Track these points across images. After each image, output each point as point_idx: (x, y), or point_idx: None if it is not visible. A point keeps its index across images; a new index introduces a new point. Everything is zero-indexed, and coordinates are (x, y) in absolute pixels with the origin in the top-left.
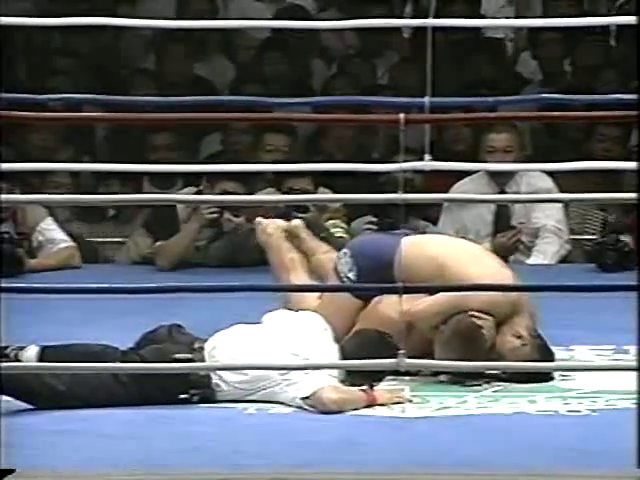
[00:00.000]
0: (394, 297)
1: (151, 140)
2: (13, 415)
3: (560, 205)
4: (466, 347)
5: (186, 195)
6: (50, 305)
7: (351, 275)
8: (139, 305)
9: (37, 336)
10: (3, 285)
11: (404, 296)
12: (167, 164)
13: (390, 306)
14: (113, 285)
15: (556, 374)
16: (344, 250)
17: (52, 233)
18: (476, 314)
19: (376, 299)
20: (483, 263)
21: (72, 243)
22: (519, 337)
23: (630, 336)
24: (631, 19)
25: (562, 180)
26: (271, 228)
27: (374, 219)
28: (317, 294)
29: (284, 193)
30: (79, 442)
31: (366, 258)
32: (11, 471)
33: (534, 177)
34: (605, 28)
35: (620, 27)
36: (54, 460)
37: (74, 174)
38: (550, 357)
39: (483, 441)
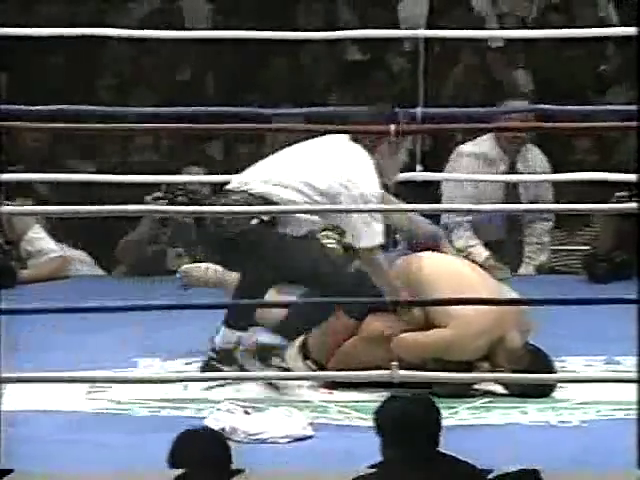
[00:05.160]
0: (386, 318)
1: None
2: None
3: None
4: None
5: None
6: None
7: None
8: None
9: (35, 344)
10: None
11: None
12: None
13: (382, 326)
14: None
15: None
16: None
17: (41, 243)
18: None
19: (368, 319)
20: (471, 293)
21: (62, 252)
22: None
23: (620, 346)
24: (631, 30)
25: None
26: None
27: None
28: None
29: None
30: (78, 447)
31: None
32: (9, 471)
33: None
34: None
35: None
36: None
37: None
38: (548, 366)
39: (475, 451)
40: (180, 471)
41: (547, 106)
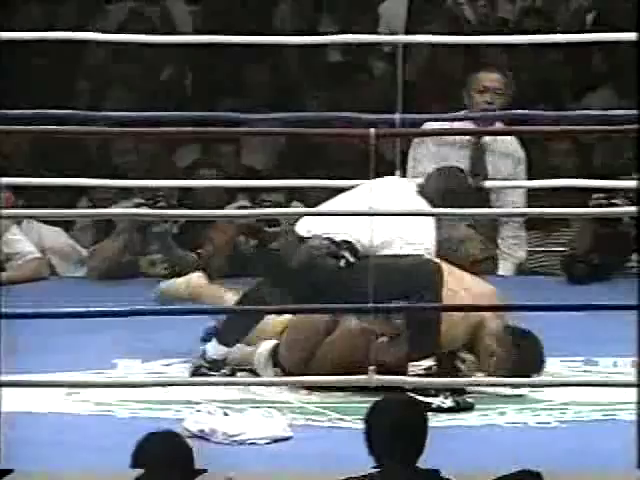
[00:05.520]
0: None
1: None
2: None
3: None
4: None
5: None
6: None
7: None
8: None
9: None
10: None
11: None
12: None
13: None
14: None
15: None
16: None
17: (18, 245)
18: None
19: (346, 316)
20: (455, 293)
21: (39, 254)
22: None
23: (598, 347)
24: (631, 35)
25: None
26: None
27: None
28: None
29: (256, 205)
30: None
31: None
32: (9, 471)
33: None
34: None
35: None
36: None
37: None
38: (534, 343)
39: (453, 453)
40: (140, 471)
41: (525, 111)
